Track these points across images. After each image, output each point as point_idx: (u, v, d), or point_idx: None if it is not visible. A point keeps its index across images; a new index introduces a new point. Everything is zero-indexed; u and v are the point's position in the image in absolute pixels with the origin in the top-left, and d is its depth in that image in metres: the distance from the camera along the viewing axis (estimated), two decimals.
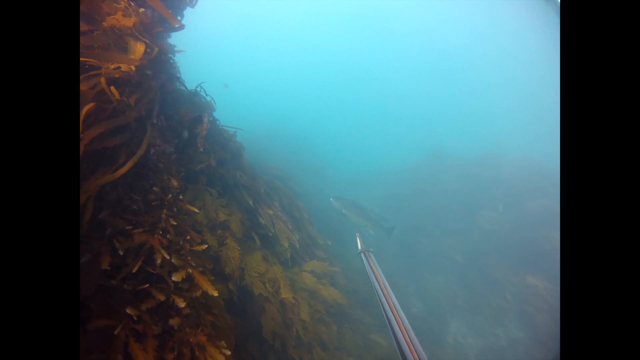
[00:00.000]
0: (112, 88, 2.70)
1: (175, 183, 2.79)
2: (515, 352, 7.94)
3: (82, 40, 2.90)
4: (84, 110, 2.37)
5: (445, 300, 9.49)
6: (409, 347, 1.92)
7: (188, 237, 2.49)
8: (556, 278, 8.38)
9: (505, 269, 9.43)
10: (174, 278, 2.16)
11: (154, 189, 2.65)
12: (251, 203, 4.94)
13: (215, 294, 2.27)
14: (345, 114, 29.60)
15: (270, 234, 5.05)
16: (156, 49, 3.56)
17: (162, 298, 2.09)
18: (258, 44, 39.13)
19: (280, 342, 4.26)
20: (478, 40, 33.44)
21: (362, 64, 36.98)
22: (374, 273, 2.80)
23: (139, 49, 3.07)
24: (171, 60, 4.84)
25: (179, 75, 5.07)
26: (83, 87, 2.58)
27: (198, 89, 5.42)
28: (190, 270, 2.27)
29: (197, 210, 3.08)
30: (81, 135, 2.32)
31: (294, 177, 9.67)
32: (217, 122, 5.41)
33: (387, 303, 2.33)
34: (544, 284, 8.62)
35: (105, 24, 3.06)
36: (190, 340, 2.18)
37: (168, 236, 2.40)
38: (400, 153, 17.60)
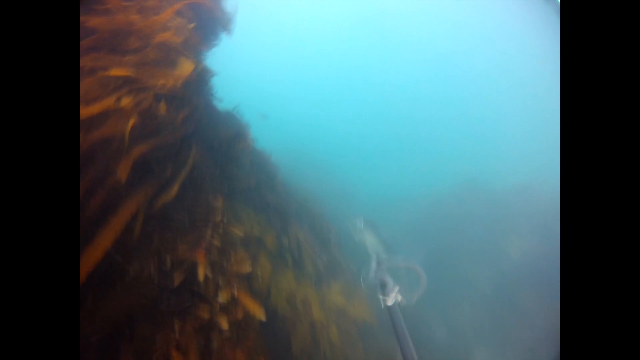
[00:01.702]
0: (162, 104, 2.74)
1: (219, 204, 2.78)
2: None
3: (134, 57, 2.97)
4: (129, 124, 2.42)
5: (471, 332, 9.10)
6: None
7: (232, 259, 2.46)
8: None
9: (537, 302, 9.01)
10: (219, 299, 2.11)
11: (198, 208, 2.64)
12: (279, 226, 4.93)
13: (263, 318, 2.21)
14: (374, 136, 29.34)
15: (297, 257, 5.00)
16: (201, 66, 3.64)
17: (207, 316, 2.04)
18: (284, 64, 39.55)
19: None
20: (492, 49, 32.51)
21: (391, 85, 36.63)
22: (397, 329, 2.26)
23: (187, 66, 3.12)
24: (209, 80, 4.94)
25: (214, 95, 5.17)
26: (129, 102, 2.63)
27: (235, 110, 5.53)
28: (235, 292, 2.22)
29: (241, 234, 3.03)
30: (131, 150, 2.37)
31: (321, 199, 9.62)
32: (255, 143, 5.47)
33: None
34: None
35: (155, 40, 3.13)
36: None
37: (211, 256, 2.37)
38: (431, 177, 17.24)
